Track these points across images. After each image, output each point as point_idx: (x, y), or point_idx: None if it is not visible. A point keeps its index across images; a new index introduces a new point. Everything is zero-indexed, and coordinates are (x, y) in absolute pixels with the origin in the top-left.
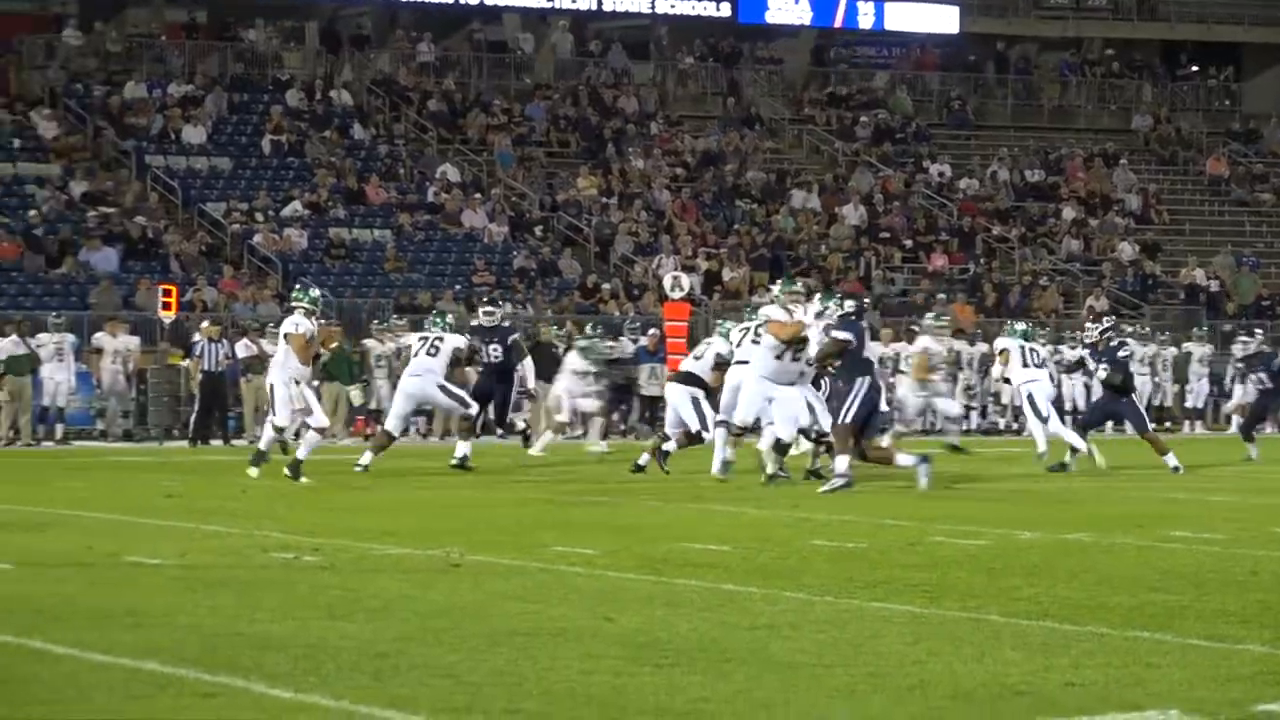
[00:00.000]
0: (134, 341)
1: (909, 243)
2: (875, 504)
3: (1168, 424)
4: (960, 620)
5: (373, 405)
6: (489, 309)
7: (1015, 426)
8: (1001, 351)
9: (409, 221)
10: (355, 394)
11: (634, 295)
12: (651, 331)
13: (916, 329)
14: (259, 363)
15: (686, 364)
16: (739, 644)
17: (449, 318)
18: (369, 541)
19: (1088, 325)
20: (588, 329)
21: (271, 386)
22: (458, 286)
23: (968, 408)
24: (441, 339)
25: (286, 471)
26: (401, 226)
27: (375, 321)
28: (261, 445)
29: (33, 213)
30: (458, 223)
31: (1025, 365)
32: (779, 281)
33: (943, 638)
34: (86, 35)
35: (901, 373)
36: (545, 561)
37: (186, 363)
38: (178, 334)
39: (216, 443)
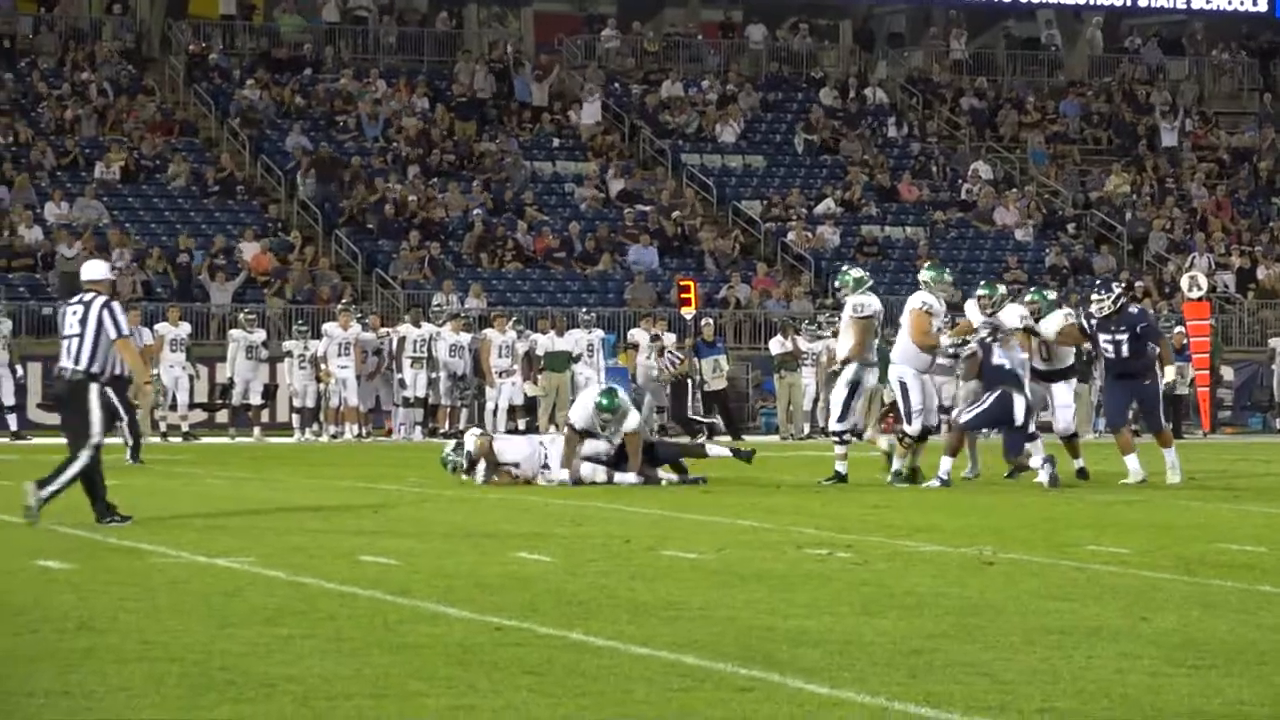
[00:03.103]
0: (669, 338)
1: None
2: None
3: None
4: None
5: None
6: None
7: None
8: None
9: (942, 219)
10: (887, 392)
11: (1167, 293)
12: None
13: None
14: (793, 359)
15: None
16: (1277, 647)
17: None
18: (901, 538)
19: None
20: None
21: None
22: None
23: None
24: None
25: None
26: (934, 224)
27: None
28: None
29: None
30: (990, 220)
31: None
32: (927, 265)
33: None
34: (625, 35)
35: None
36: (1078, 560)
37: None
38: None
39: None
